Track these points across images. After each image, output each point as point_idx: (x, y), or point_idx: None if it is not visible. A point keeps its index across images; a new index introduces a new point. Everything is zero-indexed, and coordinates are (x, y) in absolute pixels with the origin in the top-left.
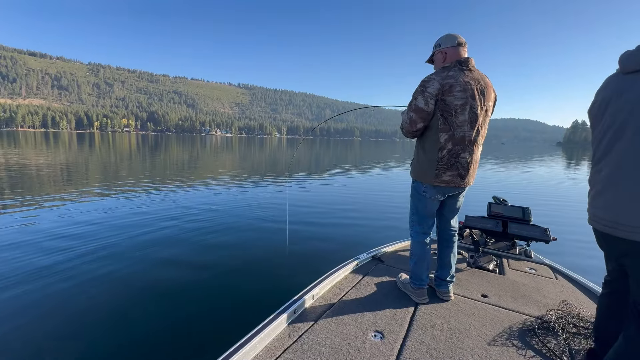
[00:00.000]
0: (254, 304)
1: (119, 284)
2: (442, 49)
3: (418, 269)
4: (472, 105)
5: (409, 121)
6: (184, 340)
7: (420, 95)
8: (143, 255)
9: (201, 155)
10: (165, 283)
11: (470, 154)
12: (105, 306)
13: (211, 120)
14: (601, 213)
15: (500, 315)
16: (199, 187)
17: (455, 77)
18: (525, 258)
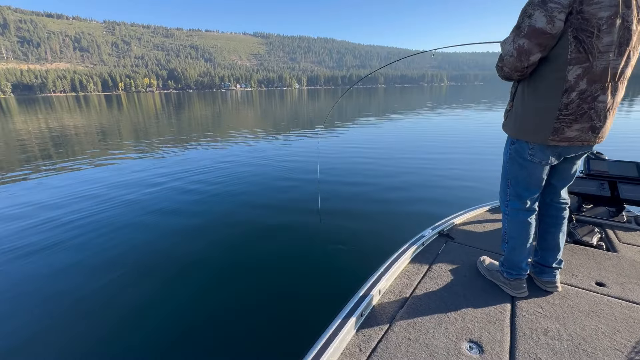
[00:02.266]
0: (291, 297)
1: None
2: None
3: (517, 255)
4: (625, 17)
5: (518, 52)
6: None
7: (540, 8)
8: (169, 229)
9: (224, 112)
10: (193, 266)
11: (612, 95)
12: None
13: (230, 74)
14: None
15: (633, 313)
16: (226, 145)
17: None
18: (637, 227)
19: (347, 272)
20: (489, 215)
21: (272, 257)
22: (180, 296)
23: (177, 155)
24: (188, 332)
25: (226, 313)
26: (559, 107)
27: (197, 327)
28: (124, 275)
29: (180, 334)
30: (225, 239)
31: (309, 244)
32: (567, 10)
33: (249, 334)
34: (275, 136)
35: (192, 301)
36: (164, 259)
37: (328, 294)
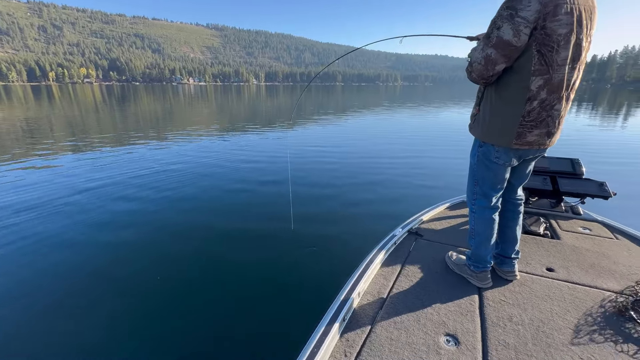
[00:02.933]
0: (269, 307)
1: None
2: None
3: (483, 250)
4: (578, 34)
5: (485, 61)
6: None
7: (508, 21)
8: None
9: (176, 107)
10: (152, 276)
11: (566, 103)
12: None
13: (181, 67)
14: None
15: (578, 294)
16: (181, 143)
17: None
18: (574, 216)
19: (323, 276)
20: (450, 212)
21: (244, 268)
22: (140, 321)
23: (122, 155)
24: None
25: (201, 331)
26: (522, 114)
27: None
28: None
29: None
30: (185, 252)
31: (282, 251)
32: (532, 26)
33: (230, 349)
34: (234, 135)
35: (156, 326)
36: (107, 282)
37: (306, 300)
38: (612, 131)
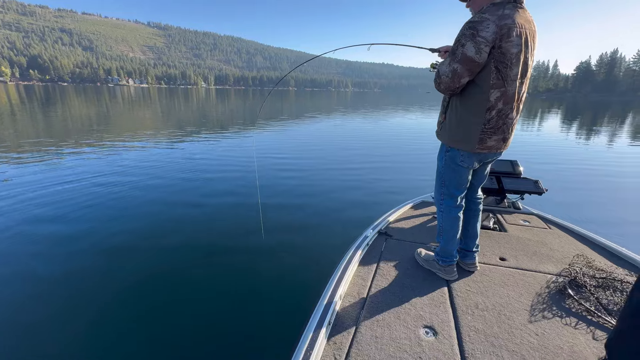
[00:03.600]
0: (250, 318)
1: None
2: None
3: (450, 245)
4: (525, 53)
5: (452, 74)
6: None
7: (471, 40)
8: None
9: (114, 111)
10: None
11: (517, 113)
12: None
13: (119, 67)
14: None
15: (527, 279)
16: (119, 151)
17: (513, 18)
18: (515, 210)
19: (300, 281)
20: (414, 211)
21: (218, 281)
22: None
23: (49, 165)
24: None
25: (182, 347)
26: (483, 122)
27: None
28: None
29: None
30: (148, 270)
31: (255, 260)
32: (490, 45)
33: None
34: (186, 141)
35: (132, 345)
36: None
37: (287, 307)
38: (532, 134)
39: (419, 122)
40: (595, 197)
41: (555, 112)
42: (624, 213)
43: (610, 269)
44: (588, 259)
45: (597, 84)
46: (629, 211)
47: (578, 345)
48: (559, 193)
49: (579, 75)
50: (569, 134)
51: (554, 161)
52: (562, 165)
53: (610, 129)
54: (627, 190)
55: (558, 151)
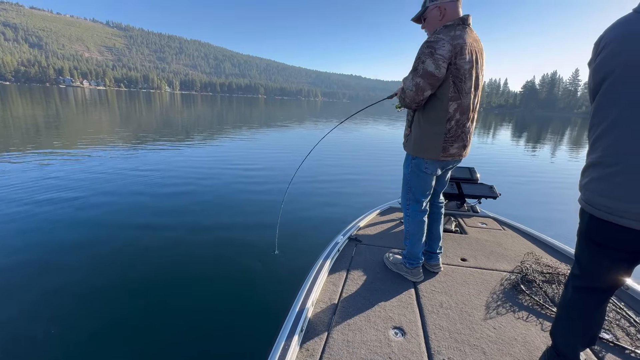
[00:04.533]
0: (219, 330)
1: None
2: (440, 4)
3: (416, 248)
4: (476, 69)
5: (416, 88)
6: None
7: (430, 58)
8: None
9: (66, 114)
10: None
11: (472, 123)
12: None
13: (72, 67)
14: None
15: (485, 277)
16: (67, 158)
17: (463, 38)
18: (473, 214)
19: (273, 288)
20: (381, 217)
21: (189, 292)
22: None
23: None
24: None
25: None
26: (444, 132)
27: None
28: None
29: None
30: (112, 283)
31: (225, 270)
32: (447, 61)
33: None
34: (145, 148)
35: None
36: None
37: (260, 314)
38: (487, 144)
39: (387, 132)
40: (541, 200)
41: (506, 126)
42: (564, 214)
43: (555, 264)
44: (537, 257)
45: (541, 101)
46: (568, 212)
47: (530, 335)
48: (511, 197)
49: (525, 92)
50: (518, 144)
51: (506, 168)
52: (513, 172)
53: (552, 141)
54: (567, 194)
55: (509, 160)
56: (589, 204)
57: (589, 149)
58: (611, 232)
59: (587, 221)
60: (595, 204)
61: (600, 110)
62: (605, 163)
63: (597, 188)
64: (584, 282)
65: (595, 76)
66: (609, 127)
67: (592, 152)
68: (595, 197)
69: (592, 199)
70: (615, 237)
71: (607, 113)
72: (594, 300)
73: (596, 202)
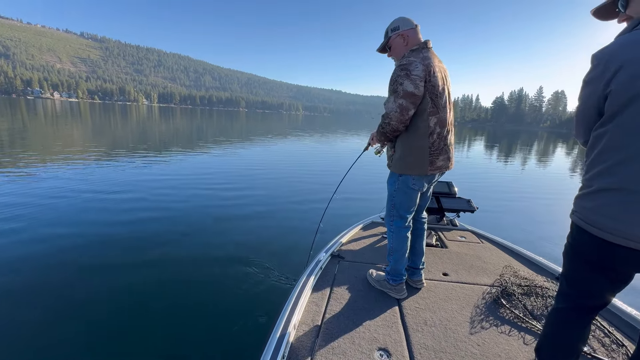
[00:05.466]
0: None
1: None
2: (402, 32)
3: (400, 265)
4: (445, 86)
5: (400, 109)
6: None
7: (407, 79)
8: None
9: (32, 127)
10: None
11: (451, 134)
12: None
13: (42, 78)
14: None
15: (466, 291)
16: (32, 172)
17: (430, 59)
18: (452, 227)
19: (254, 311)
20: (364, 232)
21: (167, 315)
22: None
23: None
24: None
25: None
26: (428, 146)
27: None
28: None
29: None
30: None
31: (203, 293)
32: (423, 80)
33: None
34: (115, 163)
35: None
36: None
37: (240, 342)
38: (462, 158)
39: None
40: (515, 212)
41: (480, 139)
42: (538, 226)
43: (532, 277)
44: (514, 269)
45: (510, 115)
46: (541, 224)
47: (512, 351)
48: (487, 210)
49: (495, 107)
50: (491, 158)
51: (481, 182)
52: (488, 185)
53: (522, 154)
54: (539, 205)
55: (483, 173)
56: (597, 227)
57: (600, 171)
58: (617, 254)
59: (587, 243)
60: (606, 228)
61: (625, 135)
62: (627, 190)
63: (611, 212)
64: (577, 302)
65: (616, 98)
66: (637, 153)
67: (607, 175)
68: (607, 220)
69: (603, 222)
70: (621, 259)
71: (632, 139)
72: (585, 318)
73: (608, 225)
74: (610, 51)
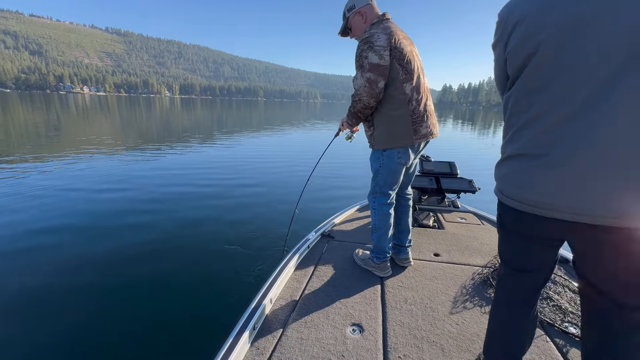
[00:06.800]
0: (175, 326)
1: None
2: (359, 10)
3: (383, 242)
4: (414, 52)
5: (368, 83)
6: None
7: (370, 51)
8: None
9: (65, 121)
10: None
11: (429, 99)
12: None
13: (72, 73)
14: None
15: (456, 272)
16: (63, 165)
17: (391, 28)
18: (454, 209)
19: (237, 288)
20: (359, 213)
21: (149, 284)
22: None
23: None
24: None
25: (101, 348)
26: (409, 114)
27: None
28: None
29: None
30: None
31: (189, 264)
32: (388, 49)
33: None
34: (142, 153)
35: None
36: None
37: (218, 312)
38: (488, 142)
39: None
40: None
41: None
42: None
43: None
44: None
45: None
46: None
47: None
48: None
49: None
50: None
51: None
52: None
53: None
54: None
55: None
56: (505, 194)
57: (508, 138)
58: (525, 220)
59: (502, 212)
60: (512, 195)
61: (523, 98)
62: (528, 155)
63: (514, 179)
64: (514, 273)
65: (513, 59)
66: (533, 117)
67: (512, 142)
68: (512, 188)
69: (508, 189)
70: (528, 225)
71: (529, 102)
72: (521, 294)
73: (513, 193)
74: (510, 6)
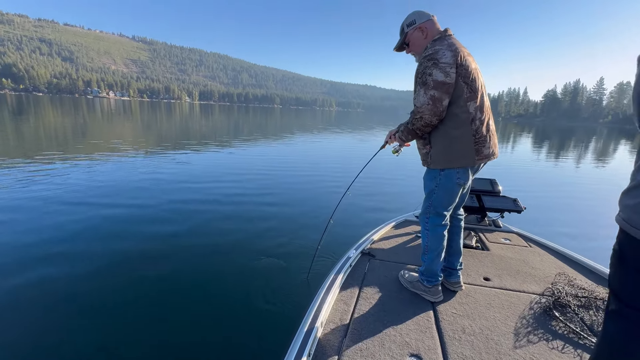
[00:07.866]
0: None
1: None
2: (419, 25)
3: (435, 265)
4: (478, 69)
5: (432, 101)
6: None
7: (435, 68)
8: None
9: (92, 123)
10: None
11: (491, 119)
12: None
13: (99, 78)
14: None
15: (512, 299)
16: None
17: (455, 44)
18: (495, 229)
19: (281, 309)
20: (396, 230)
21: (194, 310)
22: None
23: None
24: None
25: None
26: (472, 133)
27: None
28: None
29: None
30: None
31: (228, 287)
32: (454, 65)
33: None
34: (166, 155)
35: None
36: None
37: (266, 338)
38: (506, 155)
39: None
40: (569, 215)
41: (526, 136)
42: (597, 230)
43: (592, 287)
44: (569, 278)
45: (563, 110)
46: (600, 229)
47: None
48: (535, 211)
49: (546, 102)
50: (539, 156)
51: (529, 181)
52: (536, 184)
53: (576, 152)
54: (594, 208)
55: (531, 172)
56: (638, 227)
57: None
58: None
59: (631, 247)
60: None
61: None
62: None
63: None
64: (629, 317)
65: None
66: None
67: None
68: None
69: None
70: None
71: None
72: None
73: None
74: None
